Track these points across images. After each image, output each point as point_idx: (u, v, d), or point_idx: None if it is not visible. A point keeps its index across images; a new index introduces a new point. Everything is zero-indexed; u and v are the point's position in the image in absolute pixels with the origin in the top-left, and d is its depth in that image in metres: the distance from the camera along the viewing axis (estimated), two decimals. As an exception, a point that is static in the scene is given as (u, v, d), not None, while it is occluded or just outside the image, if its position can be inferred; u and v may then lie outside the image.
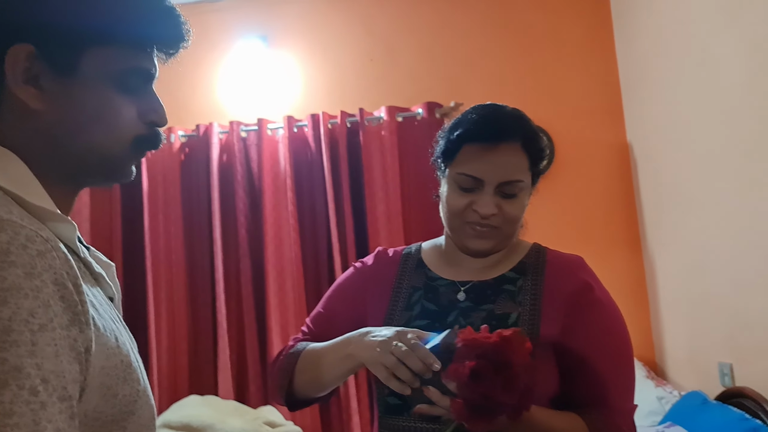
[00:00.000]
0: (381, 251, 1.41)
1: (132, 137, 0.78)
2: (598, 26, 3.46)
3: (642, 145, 3.24)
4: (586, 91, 3.42)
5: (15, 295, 0.58)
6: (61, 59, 0.73)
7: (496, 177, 1.19)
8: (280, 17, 3.59)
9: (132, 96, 0.78)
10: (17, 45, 0.71)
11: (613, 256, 3.26)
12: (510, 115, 1.25)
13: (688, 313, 2.87)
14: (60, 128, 0.74)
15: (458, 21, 3.51)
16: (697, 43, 2.59)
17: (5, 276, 0.58)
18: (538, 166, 1.26)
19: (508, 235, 1.25)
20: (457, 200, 1.23)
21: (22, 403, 0.56)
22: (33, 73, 0.72)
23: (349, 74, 3.54)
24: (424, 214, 3.22)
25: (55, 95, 0.73)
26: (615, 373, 1.20)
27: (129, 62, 0.76)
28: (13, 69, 0.71)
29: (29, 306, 0.59)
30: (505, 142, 1.20)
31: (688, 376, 2.89)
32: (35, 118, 0.73)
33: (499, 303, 1.22)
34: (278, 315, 3.20)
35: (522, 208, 1.24)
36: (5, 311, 0.57)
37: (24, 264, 0.60)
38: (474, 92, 3.34)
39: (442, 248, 1.35)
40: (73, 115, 0.74)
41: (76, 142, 0.75)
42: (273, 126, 3.40)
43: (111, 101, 0.76)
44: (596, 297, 1.22)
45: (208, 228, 3.32)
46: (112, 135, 0.76)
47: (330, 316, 1.37)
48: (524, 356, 0.96)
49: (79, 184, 0.81)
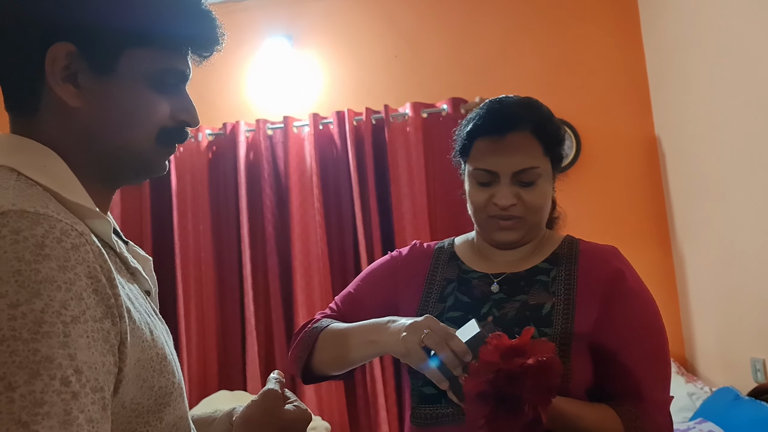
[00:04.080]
0: (416, 244, 1.42)
1: (157, 129, 0.79)
2: (625, 18, 3.42)
3: (670, 138, 3.20)
4: (613, 84, 3.38)
5: (48, 287, 0.59)
6: (100, 59, 0.74)
7: (509, 167, 1.20)
8: (306, 16, 3.61)
9: (166, 96, 0.79)
10: (58, 44, 0.72)
11: (642, 251, 3.22)
12: (516, 103, 1.25)
13: (718, 307, 2.83)
14: (96, 126, 0.75)
15: (482, 15, 3.50)
16: (727, 33, 2.54)
17: (39, 269, 0.59)
18: (554, 150, 1.25)
19: (534, 224, 1.25)
20: (477, 196, 1.24)
21: (53, 392, 0.56)
22: (72, 71, 0.73)
23: (374, 71, 3.54)
24: (450, 210, 3.22)
25: (92, 94, 0.75)
26: (650, 364, 1.18)
27: (165, 63, 0.78)
28: (53, 67, 0.73)
29: (62, 298, 0.60)
30: (513, 131, 1.20)
31: (720, 372, 2.85)
32: (73, 116, 0.75)
33: (533, 294, 1.22)
34: (305, 311, 3.23)
35: (544, 194, 1.23)
36: (38, 303, 0.58)
37: (58, 257, 0.61)
38: (499, 87, 3.32)
39: (474, 242, 1.36)
40: (110, 113, 0.76)
41: (111, 140, 0.77)
42: (299, 124, 3.42)
43: (147, 100, 0.77)
44: (630, 286, 1.21)
45: (235, 225, 3.35)
46: (144, 132, 0.78)
47: (359, 298, 1.38)
48: (547, 382, 0.93)
49: (115, 182, 0.82)
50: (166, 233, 3.34)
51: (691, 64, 2.90)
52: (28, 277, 0.59)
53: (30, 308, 0.58)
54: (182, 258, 3.30)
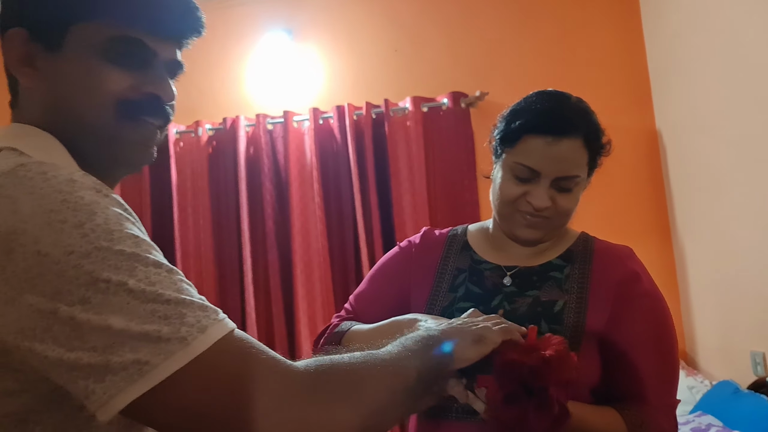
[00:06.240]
0: (427, 230, 1.40)
1: (115, 101, 0.77)
2: (625, 11, 3.41)
3: (671, 132, 3.20)
4: (613, 78, 3.37)
5: (96, 207, 0.64)
6: (48, 38, 0.77)
7: (554, 171, 1.17)
8: (305, 10, 3.60)
9: (125, 68, 0.78)
10: (11, 30, 0.76)
11: (642, 244, 3.19)
12: (575, 108, 1.22)
13: (719, 301, 2.83)
14: (57, 103, 0.77)
15: (482, 9, 3.49)
16: (728, 27, 2.54)
17: (81, 195, 0.63)
18: (596, 160, 1.25)
19: (558, 225, 1.24)
20: (511, 189, 1.21)
21: (155, 274, 0.63)
22: (30, 54, 0.77)
23: (374, 65, 3.54)
24: (451, 204, 3.21)
25: (47, 73, 0.77)
26: (658, 367, 1.17)
27: (113, 32, 0.77)
28: (9, 53, 0.77)
29: (114, 213, 0.65)
30: (568, 136, 1.17)
31: (720, 366, 2.86)
32: (37, 98, 0.78)
33: (545, 290, 1.21)
34: (306, 305, 3.23)
35: (576, 201, 1.22)
36: (98, 219, 0.63)
37: (90, 186, 0.65)
38: (499, 81, 3.33)
39: (489, 232, 1.33)
40: (64, 87, 0.77)
41: (70, 116, 0.77)
42: (299, 118, 3.42)
43: (97, 71, 0.77)
44: (644, 288, 1.20)
45: (235, 220, 3.35)
46: (98, 103, 0.77)
47: (373, 295, 1.36)
48: (566, 374, 0.93)
49: (101, 166, 0.80)
50: (167, 228, 3.34)
51: (691, 58, 2.89)
52: (75, 203, 0.62)
53: (95, 224, 0.62)
54: (182, 252, 3.30)
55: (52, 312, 0.59)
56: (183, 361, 0.60)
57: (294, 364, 0.67)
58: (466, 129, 3.30)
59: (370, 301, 1.35)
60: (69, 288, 0.59)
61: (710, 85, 2.72)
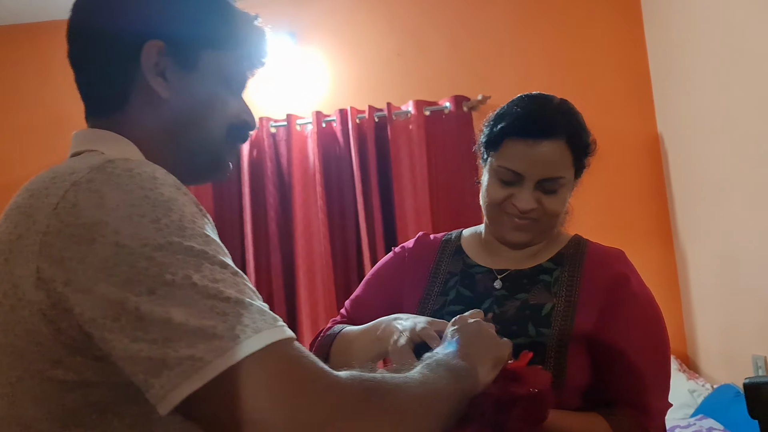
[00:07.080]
0: (422, 235, 1.42)
1: (229, 124, 0.88)
2: (628, 15, 3.42)
3: (673, 136, 3.20)
4: (615, 81, 3.38)
5: (174, 204, 0.67)
6: (185, 56, 0.83)
7: (537, 173, 1.18)
8: (308, 14, 3.61)
9: (233, 97, 0.89)
10: (151, 41, 0.81)
11: (644, 248, 3.23)
12: (556, 109, 1.23)
13: (720, 305, 2.83)
14: (181, 116, 0.84)
15: (485, 13, 3.50)
16: (730, 31, 2.54)
17: (162, 192, 0.67)
18: (582, 161, 1.25)
19: (547, 227, 1.24)
20: (496, 192, 1.22)
21: (219, 272, 0.65)
22: (161, 67, 0.82)
23: (377, 69, 3.55)
24: (453, 208, 3.22)
25: (178, 87, 0.83)
26: (648, 370, 1.17)
27: (235, 66, 0.88)
28: (148, 62, 0.81)
29: (189, 211, 0.68)
30: (549, 138, 1.18)
31: (721, 369, 2.86)
32: (162, 108, 0.83)
33: (534, 293, 1.22)
34: (308, 308, 3.24)
35: (563, 202, 1.23)
36: (174, 215, 0.66)
37: (171, 184, 0.69)
38: (502, 85, 3.33)
39: (482, 236, 1.35)
40: (193, 104, 0.85)
41: (192, 130, 0.85)
42: (302, 121, 3.43)
43: (221, 96, 0.87)
44: (634, 290, 1.20)
45: (239, 222, 3.37)
46: (219, 125, 0.87)
47: (366, 299, 1.38)
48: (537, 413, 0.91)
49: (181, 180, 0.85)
50: (170, 230, 3.35)
51: (693, 62, 2.90)
52: (155, 199, 0.66)
53: (170, 220, 0.65)
54: (186, 255, 3.31)
55: (121, 302, 0.61)
56: (234, 359, 0.60)
57: (343, 378, 0.67)
58: (468, 132, 3.30)
59: (364, 306, 1.37)
60: (139, 278, 0.62)
61: (712, 89, 2.73)
